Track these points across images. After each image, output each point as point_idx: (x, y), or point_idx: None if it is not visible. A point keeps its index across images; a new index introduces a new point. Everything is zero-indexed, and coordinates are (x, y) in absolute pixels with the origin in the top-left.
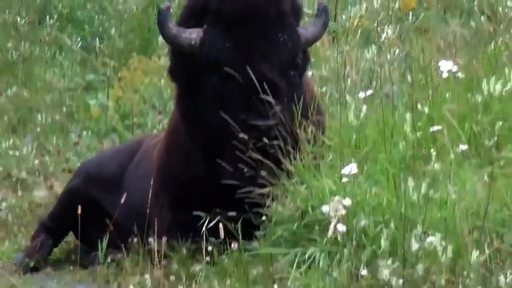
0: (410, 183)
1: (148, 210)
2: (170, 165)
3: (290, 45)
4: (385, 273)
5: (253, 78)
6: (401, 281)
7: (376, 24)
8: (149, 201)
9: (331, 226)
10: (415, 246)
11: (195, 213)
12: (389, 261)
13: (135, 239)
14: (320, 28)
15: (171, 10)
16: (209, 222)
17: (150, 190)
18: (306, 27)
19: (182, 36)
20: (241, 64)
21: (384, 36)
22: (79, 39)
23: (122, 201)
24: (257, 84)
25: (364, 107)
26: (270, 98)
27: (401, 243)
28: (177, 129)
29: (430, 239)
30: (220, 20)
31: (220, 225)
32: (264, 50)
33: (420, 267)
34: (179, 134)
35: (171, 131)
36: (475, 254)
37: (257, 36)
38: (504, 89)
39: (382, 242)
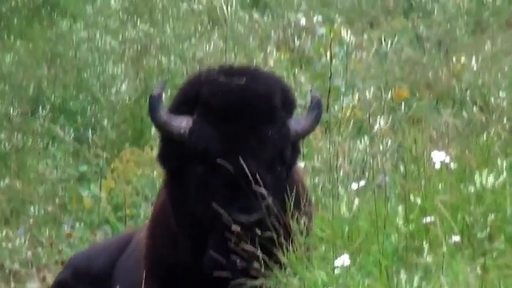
0: (403, 275)
1: None
2: (157, 247)
3: (278, 140)
4: None
5: (239, 173)
6: None
7: (368, 114)
8: None
9: None
10: None
11: None
12: None
13: None
14: (311, 122)
15: (163, 96)
16: None
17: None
18: (298, 119)
19: (172, 124)
20: (227, 157)
21: (376, 126)
22: (71, 130)
23: None
24: (242, 179)
25: (357, 200)
26: (252, 194)
27: None
28: (164, 212)
29: None
30: (210, 111)
31: None
32: (252, 144)
33: None
34: (165, 216)
35: (157, 214)
36: None
37: (245, 130)
38: (497, 181)
39: None
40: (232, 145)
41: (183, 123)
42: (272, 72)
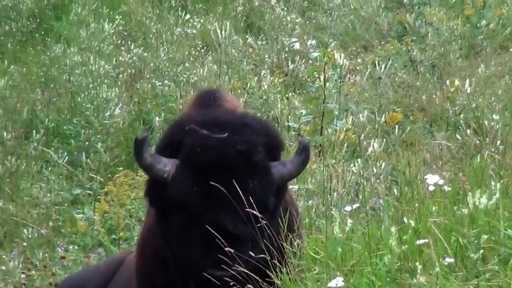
0: None
1: None
2: (147, 267)
3: (259, 193)
4: None
5: (217, 227)
6: None
7: (362, 137)
8: None
9: None
10: None
11: None
12: None
13: None
14: (298, 166)
15: (148, 139)
16: None
17: None
18: (285, 162)
19: (157, 167)
20: (205, 212)
21: (370, 149)
22: (65, 153)
23: None
24: (220, 234)
25: (350, 221)
26: (229, 250)
27: None
28: (153, 232)
29: None
30: (191, 163)
31: None
32: (230, 200)
33: None
34: (154, 236)
35: (146, 233)
36: None
37: (224, 186)
38: (490, 203)
39: None
40: (211, 199)
41: (167, 167)
42: (258, 118)
